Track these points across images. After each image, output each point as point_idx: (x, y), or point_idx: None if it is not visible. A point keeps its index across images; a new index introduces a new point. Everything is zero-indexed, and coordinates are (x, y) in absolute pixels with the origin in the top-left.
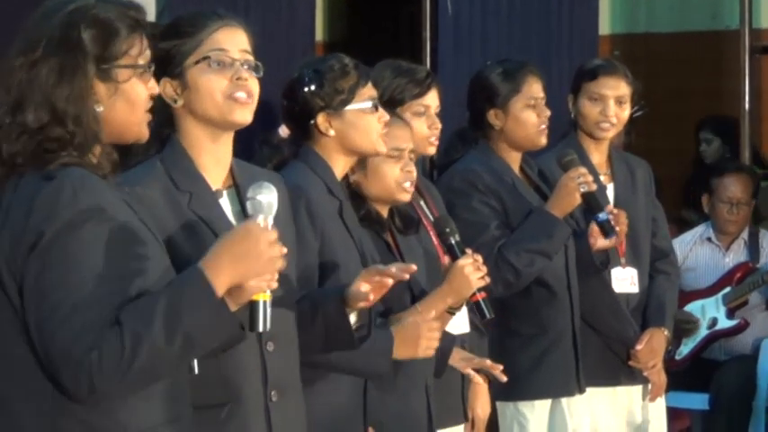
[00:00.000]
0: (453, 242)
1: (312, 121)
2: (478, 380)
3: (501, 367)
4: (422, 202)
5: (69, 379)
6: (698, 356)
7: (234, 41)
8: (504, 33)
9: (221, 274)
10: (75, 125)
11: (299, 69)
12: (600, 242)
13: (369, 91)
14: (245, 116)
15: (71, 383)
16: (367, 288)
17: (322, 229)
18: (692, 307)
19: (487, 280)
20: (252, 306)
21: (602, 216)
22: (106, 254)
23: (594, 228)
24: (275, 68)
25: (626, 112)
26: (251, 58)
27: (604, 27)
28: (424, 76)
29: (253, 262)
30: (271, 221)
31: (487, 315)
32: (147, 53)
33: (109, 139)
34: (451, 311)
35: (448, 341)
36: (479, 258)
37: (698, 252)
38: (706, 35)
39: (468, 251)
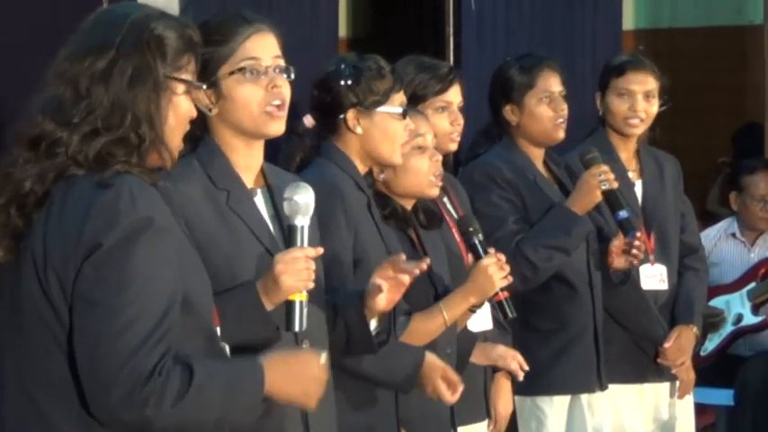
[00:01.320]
0: (477, 241)
1: (342, 116)
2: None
3: (524, 366)
4: (445, 199)
5: (119, 396)
6: (723, 352)
7: (265, 48)
8: (527, 29)
9: (272, 384)
10: (147, 127)
11: (335, 62)
12: (617, 262)
13: (400, 97)
14: (279, 128)
15: (119, 401)
16: (381, 282)
17: (355, 225)
18: (717, 302)
19: (510, 279)
20: (288, 306)
21: (622, 214)
22: (160, 267)
23: (613, 248)
24: (298, 64)
25: (654, 107)
26: (282, 62)
27: (628, 22)
28: (446, 72)
29: (300, 391)
30: (308, 222)
31: (510, 314)
32: (195, 74)
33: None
34: (473, 310)
35: (469, 339)
36: (503, 258)
37: (722, 247)
38: (730, 30)
39: (492, 250)
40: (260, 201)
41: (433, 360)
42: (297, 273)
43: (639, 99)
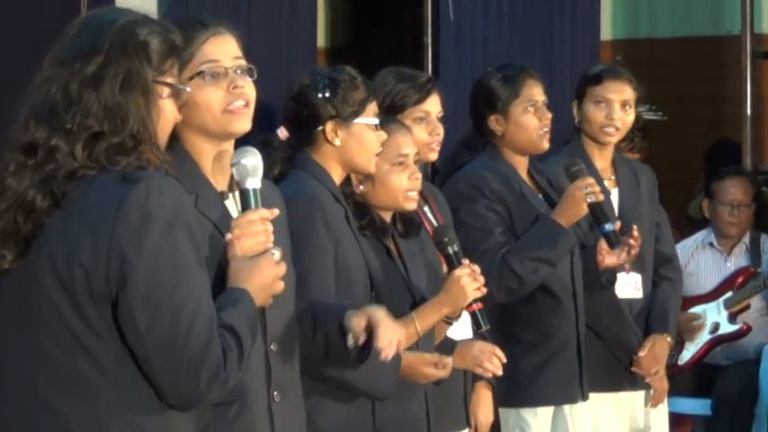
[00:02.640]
0: (452, 252)
1: (320, 128)
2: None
3: (502, 359)
4: (426, 208)
5: (206, 379)
6: (700, 361)
7: (224, 50)
8: (506, 39)
9: (256, 298)
10: (140, 129)
11: (309, 75)
12: (608, 260)
13: (374, 108)
14: (244, 125)
15: (206, 383)
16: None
17: (336, 237)
18: (694, 311)
19: (484, 291)
20: None
21: (607, 227)
22: (198, 253)
23: (603, 245)
24: (277, 74)
25: (630, 116)
26: (243, 62)
27: (606, 32)
28: (424, 82)
29: (267, 292)
30: (258, 184)
31: (483, 326)
32: (179, 74)
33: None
34: (449, 321)
35: (447, 347)
36: (477, 269)
37: (699, 257)
38: (708, 40)
39: (466, 261)
40: (231, 204)
41: (409, 358)
42: (254, 235)
43: (616, 108)
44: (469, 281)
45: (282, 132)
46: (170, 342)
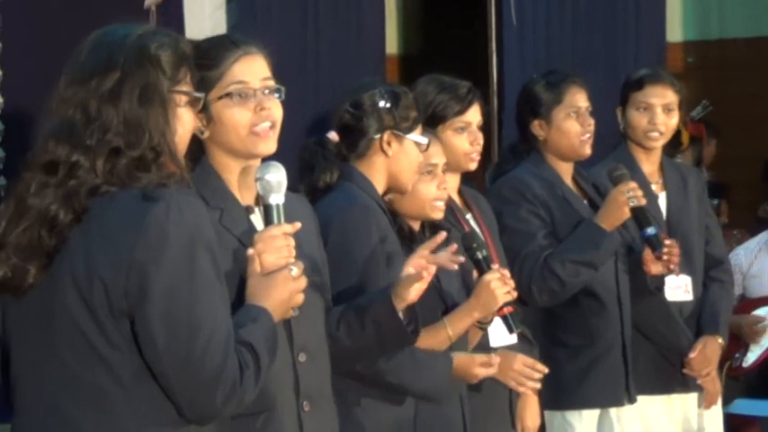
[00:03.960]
0: (480, 257)
1: (378, 136)
2: (528, 391)
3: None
4: (468, 216)
5: (222, 395)
6: (765, 363)
7: (253, 71)
8: (569, 44)
9: (275, 314)
10: (161, 140)
11: (369, 85)
12: (654, 268)
13: (421, 129)
14: (269, 147)
15: (222, 398)
16: (417, 271)
17: (388, 246)
18: (759, 313)
19: (514, 294)
20: None
21: (649, 231)
22: (215, 271)
23: (647, 254)
24: (345, 81)
25: (674, 120)
26: (272, 83)
27: (677, 34)
28: (465, 93)
29: (285, 307)
30: (282, 199)
31: (514, 329)
32: (193, 86)
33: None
34: (481, 326)
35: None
36: (506, 273)
37: (762, 259)
38: None
39: (495, 266)
40: (257, 218)
41: (461, 358)
42: (277, 250)
43: (659, 112)
44: (499, 285)
45: (333, 136)
46: (186, 360)
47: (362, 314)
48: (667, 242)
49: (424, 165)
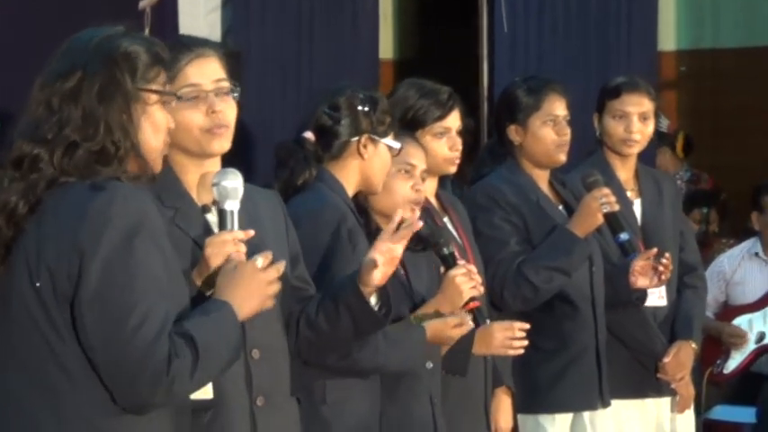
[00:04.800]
0: (447, 252)
1: (355, 139)
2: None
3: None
4: (446, 219)
5: (147, 384)
6: (746, 370)
7: (205, 73)
8: (561, 51)
9: (239, 308)
10: (122, 136)
11: (348, 89)
12: (640, 281)
13: (394, 134)
14: (223, 146)
15: (148, 388)
16: (376, 257)
17: (356, 248)
18: (740, 321)
19: (481, 289)
20: None
21: (623, 236)
22: (159, 260)
23: (636, 267)
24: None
25: (650, 127)
26: (225, 84)
27: (670, 43)
28: (446, 98)
29: (257, 299)
30: (237, 206)
31: (481, 323)
32: (167, 87)
33: (135, 164)
34: None
35: (466, 336)
36: (473, 268)
37: (746, 267)
38: None
39: (461, 262)
40: (215, 218)
41: (433, 325)
42: (225, 255)
43: (635, 120)
44: (465, 280)
45: (309, 135)
46: (113, 342)
47: (336, 301)
48: (664, 261)
49: (402, 162)
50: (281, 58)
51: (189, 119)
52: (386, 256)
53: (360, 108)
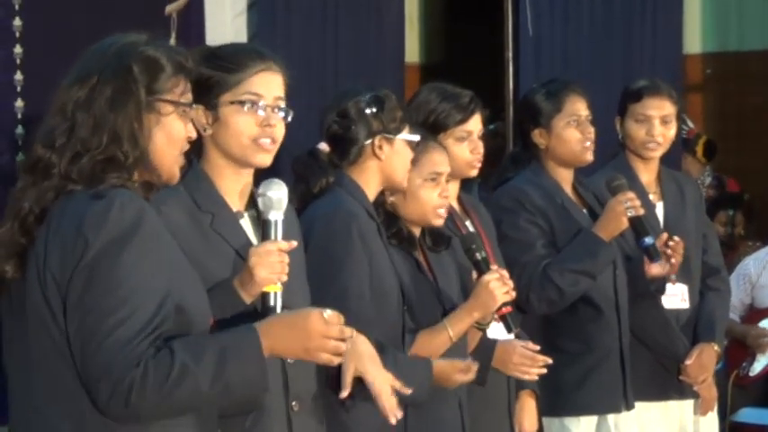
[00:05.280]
0: (480, 258)
1: (369, 142)
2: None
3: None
4: (468, 222)
5: (106, 390)
6: None
7: (270, 87)
8: (587, 53)
9: (273, 343)
10: (130, 145)
11: (352, 93)
12: (654, 269)
13: (409, 127)
14: (266, 160)
15: (107, 395)
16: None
17: (370, 252)
18: (766, 323)
19: (513, 295)
20: (263, 297)
21: (647, 240)
22: (150, 270)
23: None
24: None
25: (672, 131)
26: (283, 102)
27: (695, 46)
28: (467, 102)
29: (302, 346)
30: (281, 216)
31: (513, 329)
32: (189, 96)
33: (145, 173)
34: (480, 327)
35: (487, 348)
36: (505, 274)
37: None
38: None
39: (494, 266)
40: (247, 223)
41: (440, 364)
42: (270, 265)
43: (656, 124)
44: (498, 285)
45: (324, 146)
46: (87, 346)
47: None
48: (674, 240)
49: (429, 172)
50: (306, 63)
51: (242, 125)
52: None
53: (368, 111)
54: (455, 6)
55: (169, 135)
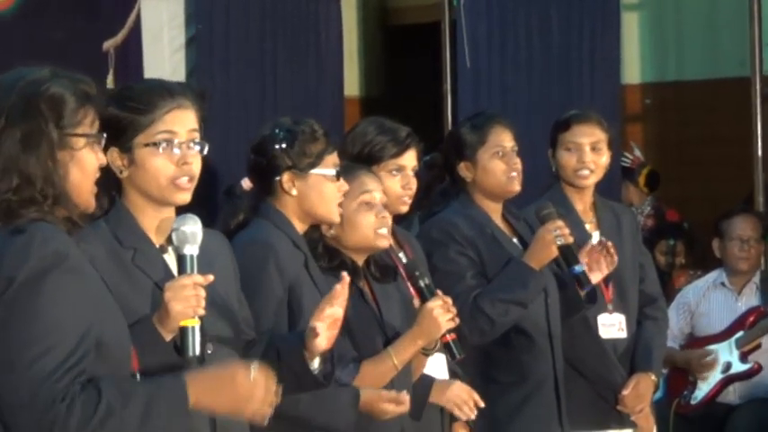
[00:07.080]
0: (423, 285)
1: (278, 178)
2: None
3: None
4: (401, 254)
5: (27, 424)
6: (712, 400)
7: (184, 123)
8: (524, 86)
9: (200, 397)
10: (45, 185)
11: (270, 127)
12: (592, 277)
13: (334, 159)
14: (185, 198)
15: (27, 429)
16: (316, 325)
17: (290, 281)
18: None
19: (457, 321)
20: (181, 332)
21: (577, 269)
22: (71, 304)
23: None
24: None
25: (603, 158)
26: (197, 135)
27: (634, 76)
28: (404, 137)
29: (228, 403)
30: (196, 251)
31: (457, 355)
32: (97, 124)
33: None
34: (426, 353)
35: (425, 384)
36: (449, 300)
37: (711, 297)
38: (735, 81)
39: (438, 292)
40: (171, 258)
41: (368, 393)
42: (185, 299)
43: (587, 150)
44: (442, 312)
45: (246, 183)
46: (6, 376)
47: (280, 360)
48: (602, 240)
49: (359, 193)
50: (245, 98)
51: (159, 166)
52: (326, 322)
53: (276, 147)
54: (394, 40)
55: (83, 169)
